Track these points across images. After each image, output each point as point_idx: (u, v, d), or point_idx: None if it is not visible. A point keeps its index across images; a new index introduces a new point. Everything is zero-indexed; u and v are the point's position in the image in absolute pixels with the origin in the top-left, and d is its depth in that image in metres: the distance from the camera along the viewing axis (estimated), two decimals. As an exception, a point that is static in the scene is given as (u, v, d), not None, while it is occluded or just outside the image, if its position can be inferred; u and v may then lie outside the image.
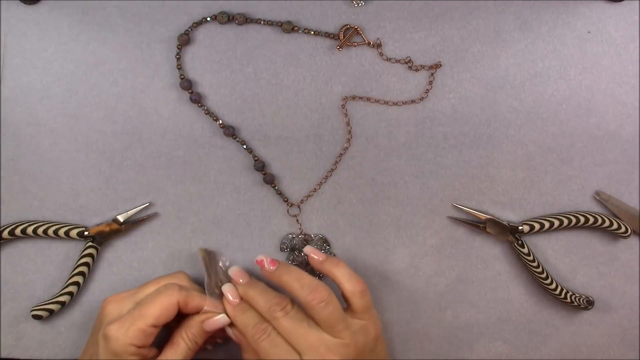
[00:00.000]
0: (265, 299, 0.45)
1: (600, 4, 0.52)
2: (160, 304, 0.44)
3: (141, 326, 0.43)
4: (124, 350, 0.42)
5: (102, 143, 0.52)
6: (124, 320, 0.43)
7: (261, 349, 0.44)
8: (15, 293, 0.52)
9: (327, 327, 0.43)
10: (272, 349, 0.43)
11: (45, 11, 0.51)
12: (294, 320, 0.44)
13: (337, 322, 0.43)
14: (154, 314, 0.43)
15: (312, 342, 0.43)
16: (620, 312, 0.53)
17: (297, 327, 0.43)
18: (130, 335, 0.42)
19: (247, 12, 0.52)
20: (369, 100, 0.52)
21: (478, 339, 0.53)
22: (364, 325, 0.45)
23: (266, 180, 0.52)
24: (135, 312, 0.43)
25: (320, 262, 0.47)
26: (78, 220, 0.52)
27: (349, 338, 0.43)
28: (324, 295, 0.43)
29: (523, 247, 0.51)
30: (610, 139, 0.53)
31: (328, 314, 0.43)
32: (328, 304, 0.43)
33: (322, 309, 0.43)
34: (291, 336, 0.43)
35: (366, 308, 0.45)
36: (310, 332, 0.43)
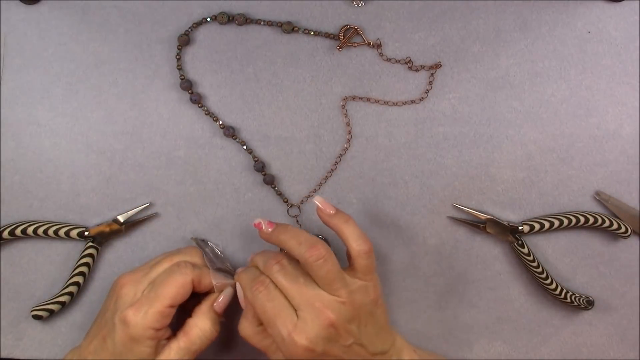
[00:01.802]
0: (263, 256, 0.45)
1: (600, 4, 0.52)
2: (176, 284, 0.44)
3: (159, 308, 0.43)
4: (143, 334, 0.42)
5: (102, 143, 0.52)
6: (141, 303, 0.43)
7: (257, 302, 0.43)
8: (15, 293, 0.52)
9: (324, 284, 0.43)
10: (268, 302, 0.42)
11: (45, 11, 0.51)
12: (290, 276, 0.43)
13: (335, 279, 0.43)
14: (171, 294, 0.43)
15: (308, 297, 0.42)
16: (620, 312, 0.53)
17: (293, 282, 0.43)
18: (150, 318, 0.42)
19: (247, 12, 0.52)
20: (369, 101, 0.52)
21: (478, 339, 0.53)
22: (364, 285, 0.44)
23: (266, 180, 0.52)
24: (152, 294, 0.43)
25: (330, 214, 0.45)
26: (78, 221, 0.52)
27: (346, 296, 0.43)
28: (321, 252, 0.42)
29: (523, 247, 0.51)
30: (610, 139, 0.53)
31: (326, 271, 0.42)
32: (326, 260, 0.42)
33: (320, 266, 0.42)
34: (287, 291, 0.43)
35: (369, 269, 0.44)
36: (306, 288, 0.42)
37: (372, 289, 0.45)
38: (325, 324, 0.41)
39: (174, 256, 0.47)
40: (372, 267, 0.45)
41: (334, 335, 0.42)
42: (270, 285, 0.43)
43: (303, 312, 0.42)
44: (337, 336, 0.42)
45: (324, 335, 0.42)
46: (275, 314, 0.42)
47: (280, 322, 0.42)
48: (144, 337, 0.43)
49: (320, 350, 0.42)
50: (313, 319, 0.41)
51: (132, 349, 0.43)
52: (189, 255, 0.47)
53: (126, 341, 0.43)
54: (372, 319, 0.45)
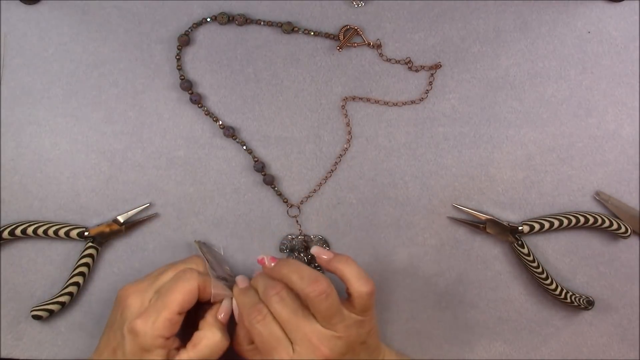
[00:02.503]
0: (263, 283, 0.45)
1: (600, 4, 0.52)
2: (183, 291, 0.43)
3: (167, 316, 0.42)
4: (153, 343, 0.42)
5: (102, 143, 0.52)
6: (149, 312, 0.43)
7: (255, 331, 0.43)
8: (15, 293, 0.52)
9: (322, 319, 0.43)
10: (265, 331, 0.43)
11: (45, 11, 0.51)
12: (289, 308, 0.43)
13: (334, 315, 0.43)
14: (178, 301, 0.43)
15: (306, 332, 0.42)
16: (620, 312, 0.53)
17: (292, 315, 0.43)
18: (159, 327, 0.42)
19: (247, 12, 0.52)
20: (369, 101, 0.52)
21: (478, 339, 0.53)
22: (361, 321, 0.44)
23: (266, 181, 0.52)
24: (159, 303, 0.43)
25: (328, 260, 0.45)
26: (78, 221, 0.52)
27: (343, 331, 0.43)
28: (324, 287, 0.42)
29: (523, 247, 0.51)
30: (610, 139, 0.53)
31: (326, 306, 0.42)
32: (328, 296, 0.42)
33: (322, 301, 0.42)
34: (285, 324, 0.43)
35: (368, 309, 0.45)
36: (304, 322, 0.43)
37: (368, 323, 0.45)
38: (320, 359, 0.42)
39: (177, 266, 0.47)
40: (372, 306, 0.45)
41: None
42: (268, 315, 0.43)
43: (299, 347, 0.42)
44: None
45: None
46: (272, 345, 0.43)
47: (276, 353, 0.42)
48: (154, 346, 0.42)
49: None
50: (309, 354, 0.42)
51: (143, 358, 0.43)
52: (192, 264, 0.47)
53: (137, 351, 0.43)
54: (365, 347, 0.45)
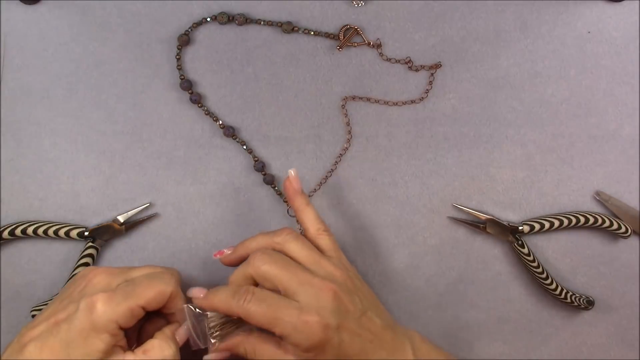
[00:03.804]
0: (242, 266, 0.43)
1: (600, 4, 0.52)
2: (157, 289, 0.42)
3: (132, 305, 0.41)
4: (106, 325, 0.40)
5: (102, 143, 0.52)
6: (115, 294, 0.41)
7: (251, 311, 0.40)
8: (15, 293, 0.52)
9: (307, 260, 0.43)
10: (262, 303, 0.40)
11: (45, 11, 0.51)
12: (278, 263, 0.42)
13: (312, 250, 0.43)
14: (148, 296, 0.41)
15: (303, 279, 0.41)
16: (620, 312, 0.53)
17: (284, 268, 0.41)
18: (119, 311, 0.40)
19: (247, 12, 0.52)
20: (369, 100, 0.52)
21: (478, 339, 0.53)
22: (341, 261, 0.44)
23: (266, 180, 0.52)
24: (129, 289, 0.41)
25: (295, 191, 0.46)
26: (78, 221, 0.52)
27: (333, 268, 0.43)
28: (287, 230, 0.44)
29: (523, 247, 0.51)
30: (610, 139, 0.53)
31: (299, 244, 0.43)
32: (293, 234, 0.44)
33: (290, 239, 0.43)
34: (281, 280, 0.41)
35: (335, 246, 0.45)
36: (297, 270, 0.41)
37: (347, 263, 0.45)
38: (331, 295, 0.40)
39: (155, 268, 0.46)
40: (336, 245, 0.45)
41: (342, 306, 0.41)
42: (254, 289, 0.41)
43: (303, 294, 0.40)
44: (345, 307, 0.41)
45: (333, 307, 0.40)
46: (275, 309, 0.40)
47: (284, 313, 0.40)
48: (105, 329, 0.40)
49: (335, 323, 0.40)
50: (316, 295, 0.40)
51: (87, 339, 0.40)
52: (169, 273, 0.45)
53: (85, 329, 0.40)
54: (364, 292, 0.44)
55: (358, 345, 0.41)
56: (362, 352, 0.41)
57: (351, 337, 0.41)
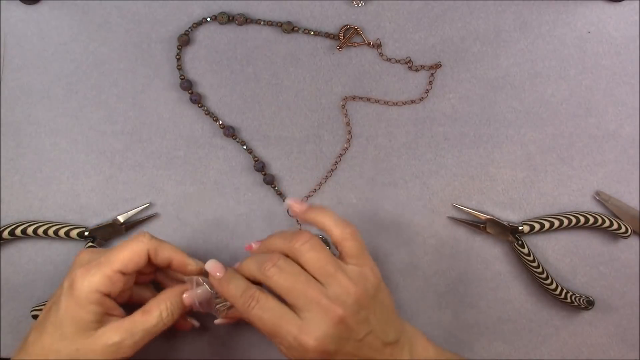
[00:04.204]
0: (255, 261, 0.42)
1: (600, 4, 0.52)
2: (130, 250, 0.42)
3: (107, 272, 0.41)
4: (87, 297, 0.40)
5: (102, 143, 0.52)
6: (90, 265, 0.41)
7: (254, 318, 0.41)
8: (15, 293, 0.52)
9: (320, 272, 0.41)
10: (264, 314, 0.40)
11: (45, 11, 0.51)
12: (289, 276, 0.40)
13: (328, 262, 0.41)
14: (122, 259, 0.41)
15: (313, 296, 0.39)
16: (620, 312, 0.53)
17: (295, 281, 0.40)
18: (95, 280, 0.40)
19: (247, 12, 0.52)
20: (369, 100, 0.52)
21: (478, 339, 0.53)
22: (360, 271, 0.42)
23: (266, 180, 0.52)
24: (102, 259, 0.41)
25: (304, 211, 0.43)
26: (78, 221, 0.52)
27: (347, 283, 0.40)
28: (306, 236, 0.41)
29: (523, 247, 0.51)
30: (610, 139, 0.53)
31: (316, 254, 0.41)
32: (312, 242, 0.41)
33: (308, 249, 0.41)
34: (289, 293, 0.40)
35: (360, 251, 0.42)
36: (308, 285, 0.40)
37: (371, 273, 0.42)
38: (335, 321, 0.39)
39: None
40: (362, 248, 0.43)
41: (345, 331, 0.40)
42: (260, 295, 0.41)
43: (308, 313, 0.39)
44: (348, 332, 0.40)
45: (333, 334, 0.39)
46: (276, 323, 0.40)
47: (283, 329, 0.39)
48: (88, 301, 0.40)
49: (333, 349, 0.39)
50: (321, 317, 0.39)
51: (74, 315, 0.41)
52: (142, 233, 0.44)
53: (70, 306, 0.41)
54: (379, 304, 0.42)
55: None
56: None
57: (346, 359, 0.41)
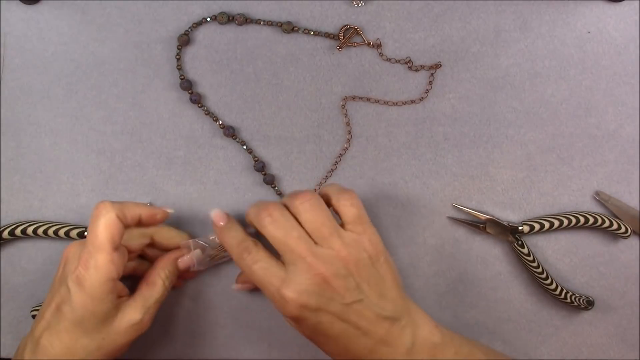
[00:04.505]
0: (256, 208, 0.43)
1: (600, 4, 0.52)
2: (103, 225, 0.41)
3: (106, 256, 0.41)
4: (102, 288, 0.41)
5: (102, 143, 0.52)
6: (86, 258, 0.41)
7: (245, 268, 0.42)
8: (15, 293, 0.52)
9: (316, 233, 0.41)
10: (254, 265, 0.41)
11: (45, 11, 0.51)
12: (282, 228, 0.41)
13: (325, 224, 0.41)
14: (105, 238, 0.41)
15: (300, 251, 0.40)
16: (620, 312, 0.53)
17: (285, 234, 0.41)
18: (102, 270, 0.41)
19: (247, 12, 0.52)
20: (369, 100, 0.52)
21: (478, 339, 0.53)
22: (358, 240, 0.42)
23: (266, 180, 0.52)
24: (90, 247, 0.41)
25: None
26: (78, 220, 0.52)
27: (340, 248, 0.41)
28: (308, 195, 0.42)
29: (523, 247, 0.51)
30: (610, 139, 0.53)
31: (314, 214, 0.41)
32: (312, 200, 0.41)
33: (307, 208, 0.41)
34: (279, 245, 0.41)
35: (357, 219, 0.42)
36: (299, 240, 0.41)
37: (368, 243, 0.42)
38: (317, 279, 0.40)
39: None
40: (361, 216, 0.43)
41: (327, 291, 0.40)
42: (253, 247, 0.42)
43: (293, 266, 0.40)
44: (331, 292, 0.40)
45: (315, 290, 0.40)
46: (263, 274, 0.41)
47: (268, 280, 0.41)
48: (103, 292, 0.41)
49: (313, 305, 0.40)
50: (303, 272, 0.40)
51: (93, 310, 0.41)
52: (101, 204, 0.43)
53: (87, 302, 0.41)
54: (374, 277, 0.42)
55: (338, 329, 0.41)
56: (343, 336, 0.41)
57: (331, 321, 0.41)
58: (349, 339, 0.41)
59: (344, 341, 0.41)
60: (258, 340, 0.53)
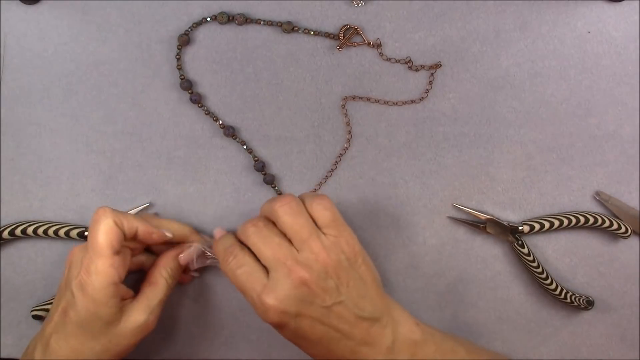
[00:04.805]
0: (244, 223, 0.44)
1: (600, 4, 0.52)
2: (103, 231, 0.42)
3: (106, 261, 0.41)
4: (104, 293, 0.42)
5: (102, 143, 0.52)
6: (86, 264, 0.42)
7: (229, 272, 0.43)
8: (15, 293, 0.52)
9: (296, 237, 0.42)
10: (238, 269, 0.42)
11: (45, 11, 0.51)
12: (264, 237, 0.42)
13: (303, 227, 0.42)
14: (105, 243, 0.42)
15: (280, 256, 0.41)
16: (620, 312, 0.53)
17: (267, 242, 0.42)
18: (103, 275, 0.41)
19: (247, 12, 0.52)
20: (369, 100, 0.52)
21: (478, 339, 0.53)
22: (336, 242, 0.43)
23: (266, 180, 0.52)
24: (90, 252, 0.42)
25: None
26: (78, 220, 0.52)
27: (319, 250, 0.41)
28: (288, 199, 0.43)
29: (523, 247, 0.51)
30: (610, 139, 0.53)
31: (292, 217, 0.42)
32: (291, 203, 0.42)
33: (286, 211, 0.42)
34: (260, 252, 0.42)
35: (333, 222, 0.43)
36: (279, 247, 0.41)
37: (345, 245, 0.43)
38: (297, 283, 0.40)
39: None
40: (336, 219, 0.44)
41: (308, 294, 0.41)
42: (239, 252, 0.43)
43: (274, 272, 0.41)
44: (312, 296, 0.41)
45: (295, 295, 0.40)
46: (245, 279, 0.42)
47: (249, 286, 0.41)
48: (106, 297, 0.42)
49: (293, 311, 0.40)
50: (284, 277, 0.40)
51: (98, 313, 0.42)
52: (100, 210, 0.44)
53: (90, 307, 0.42)
54: (353, 279, 0.43)
55: (319, 333, 0.41)
56: (324, 338, 0.41)
57: (312, 325, 0.41)
58: (330, 341, 0.42)
59: (326, 344, 0.42)
60: (258, 340, 0.53)
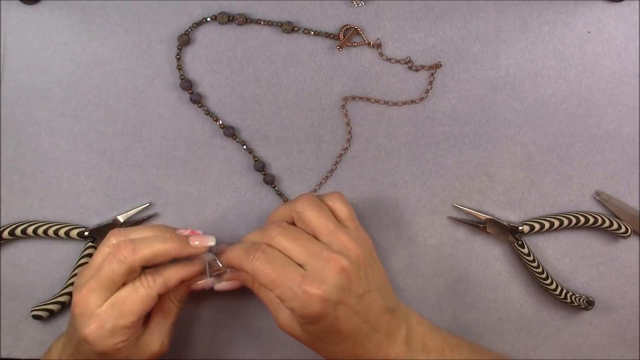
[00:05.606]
0: (258, 231, 0.44)
1: (600, 4, 0.52)
2: (141, 300, 0.41)
3: (125, 324, 0.40)
4: (113, 348, 0.41)
5: (102, 143, 0.52)
6: (102, 320, 0.40)
7: (258, 269, 0.40)
8: (15, 293, 0.52)
9: (323, 232, 0.42)
10: (269, 264, 0.40)
11: (45, 11, 0.51)
12: (292, 235, 0.42)
13: (328, 220, 0.42)
14: (136, 311, 0.41)
15: (314, 250, 0.40)
16: (620, 312, 0.53)
17: (296, 240, 0.41)
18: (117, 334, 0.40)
19: (247, 12, 0.52)
20: (369, 100, 0.52)
21: (478, 339, 0.53)
22: (358, 234, 0.44)
23: (266, 180, 0.52)
24: (115, 312, 0.40)
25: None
26: (78, 221, 0.52)
27: (348, 241, 0.42)
28: (307, 197, 0.43)
29: (523, 247, 0.51)
30: (610, 139, 0.53)
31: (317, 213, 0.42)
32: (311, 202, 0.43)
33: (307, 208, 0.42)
34: (291, 250, 0.41)
35: (350, 214, 0.44)
36: (309, 242, 0.41)
37: (365, 236, 0.45)
38: (337, 269, 0.40)
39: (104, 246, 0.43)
40: (353, 214, 0.45)
41: (347, 282, 0.40)
42: (267, 248, 0.41)
43: (311, 265, 0.40)
44: (349, 283, 0.40)
45: (336, 282, 0.39)
46: (279, 272, 0.40)
47: (286, 278, 0.39)
48: (115, 348, 0.41)
49: (335, 299, 0.39)
50: (323, 267, 0.40)
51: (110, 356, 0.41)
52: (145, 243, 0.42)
53: (97, 355, 0.41)
54: (376, 269, 0.44)
55: (352, 324, 0.41)
56: (355, 331, 0.41)
57: (347, 314, 0.40)
58: (359, 335, 0.41)
59: (355, 338, 0.41)
60: (258, 340, 0.53)
